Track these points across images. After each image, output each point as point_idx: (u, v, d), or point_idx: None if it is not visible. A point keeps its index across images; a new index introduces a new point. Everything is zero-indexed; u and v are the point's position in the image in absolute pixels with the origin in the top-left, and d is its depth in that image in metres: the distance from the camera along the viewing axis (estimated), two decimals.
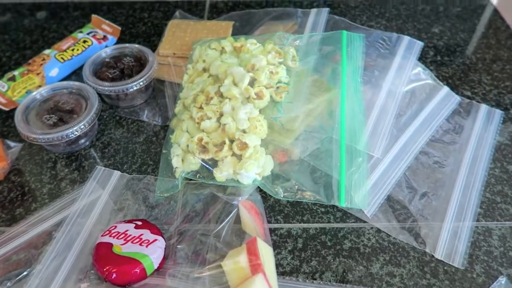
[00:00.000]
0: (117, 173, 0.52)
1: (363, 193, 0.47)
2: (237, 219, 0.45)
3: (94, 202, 0.49)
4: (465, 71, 0.66)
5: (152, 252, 0.41)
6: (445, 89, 0.61)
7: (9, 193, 0.51)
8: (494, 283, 0.42)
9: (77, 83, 0.57)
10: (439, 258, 0.44)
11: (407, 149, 0.53)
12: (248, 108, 0.50)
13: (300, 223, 0.48)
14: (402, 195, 0.50)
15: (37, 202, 0.50)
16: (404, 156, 0.53)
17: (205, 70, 0.58)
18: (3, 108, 0.59)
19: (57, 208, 0.48)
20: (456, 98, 0.60)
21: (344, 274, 0.43)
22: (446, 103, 0.59)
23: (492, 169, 0.52)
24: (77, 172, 0.53)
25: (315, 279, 0.43)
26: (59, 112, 0.54)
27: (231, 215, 0.44)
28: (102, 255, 0.41)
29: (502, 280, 0.42)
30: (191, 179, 0.49)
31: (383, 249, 0.45)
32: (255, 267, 0.39)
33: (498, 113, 0.59)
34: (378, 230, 0.47)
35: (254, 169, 0.47)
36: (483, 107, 0.59)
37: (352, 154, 0.49)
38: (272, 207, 0.49)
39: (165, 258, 0.42)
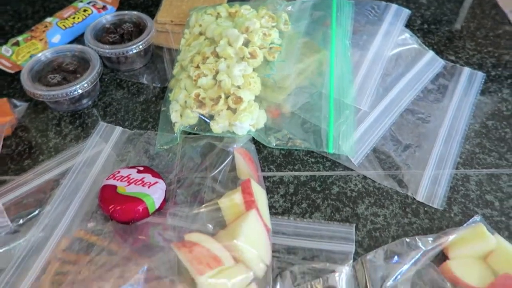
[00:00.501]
0: (119, 129, 0.55)
1: (350, 142, 0.50)
2: (232, 168, 0.49)
3: (98, 154, 0.52)
4: (450, 38, 0.69)
5: (154, 192, 0.44)
6: (430, 53, 0.64)
7: (17, 147, 0.54)
8: (470, 220, 0.45)
9: (79, 46, 0.60)
10: (420, 200, 0.48)
11: (392, 106, 0.57)
12: (243, 66, 0.53)
13: (291, 171, 0.51)
14: (387, 147, 0.53)
15: (44, 154, 0.53)
16: (389, 113, 0.56)
17: (201, 33, 0.61)
18: (8, 70, 0.61)
19: (63, 159, 0.51)
20: (441, 62, 0.63)
21: (332, 214, 0.46)
22: (431, 66, 0.63)
23: (472, 124, 0.56)
24: (81, 129, 0.56)
25: (305, 219, 0.46)
26: (62, 72, 0.57)
27: (226, 161, 0.48)
28: (107, 195, 0.44)
29: (477, 218, 0.45)
30: (189, 133, 0.52)
31: (368, 193, 0.48)
32: (249, 204, 0.42)
33: (480, 75, 0.62)
34: (364, 177, 0.50)
35: (248, 121, 0.50)
36: (466, 70, 0.63)
37: (340, 107, 0.52)
38: (265, 158, 0.52)
39: (165, 200, 0.46)
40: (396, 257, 0.41)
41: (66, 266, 0.41)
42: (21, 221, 0.44)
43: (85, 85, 0.55)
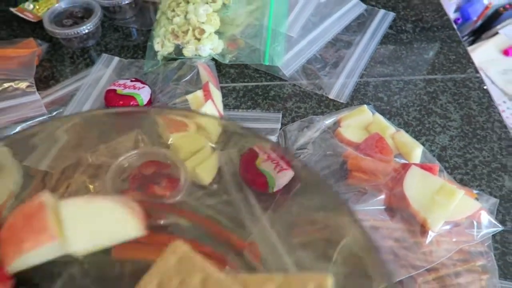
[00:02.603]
0: (117, 59, 0.74)
1: (281, 58, 0.70)
2: (198, 78, 0.68)
3: (101, 76, 0.71)
4: None
5: (142, 92, 0.64)
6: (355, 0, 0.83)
7: (43, 72, 0.73)
8: (364, 106, 0.65)
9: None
10: (332, 97, 0.67)
11: (319, 37, 0.76)
12: (206, 7, 0.71)
13: (242, 83, 0.70)
14: (313, 65, 0.72)
15: (62, 76, 0.72)
16: (317, 41, 0.75)
17: None
18: (32, 20, 0.81)
19: (76, 79, 0.71)
20: (363, 6, 0.82)
21: (268, 108, 0.66)
22: (354, 9, 0.81)
23: (379, 49, 0.75)
24: (89, 59, 0.75)
25: (249, 110, 0.66)
26: (73, 18, 0.76)
27: (193, 72, 0.67)
28: (109, 96, 0.64)
29: (366, 105, 0.65)
30: (169, 59, 0.72)
31: (295, 95, 0.68)
32: (207, 97, 0.62)
33: (391, 14, 0.81)
34: (294, 85, 0.69)
35: (209, 45, 0.69)
36: (382, 11, 0.81)
37: (276, 34, 0.71)
38: (223, 75, 0.72)
39: (151, 100, 0.65)
40: (305, 128, 0.61)
41: None
42: (47, 116, 0.64)
43: (90, 27, 0.74)
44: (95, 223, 0.34)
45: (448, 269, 0.47)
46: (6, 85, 0.68)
